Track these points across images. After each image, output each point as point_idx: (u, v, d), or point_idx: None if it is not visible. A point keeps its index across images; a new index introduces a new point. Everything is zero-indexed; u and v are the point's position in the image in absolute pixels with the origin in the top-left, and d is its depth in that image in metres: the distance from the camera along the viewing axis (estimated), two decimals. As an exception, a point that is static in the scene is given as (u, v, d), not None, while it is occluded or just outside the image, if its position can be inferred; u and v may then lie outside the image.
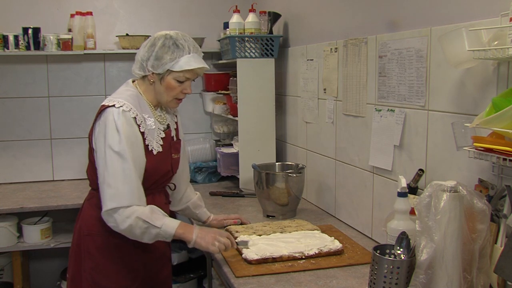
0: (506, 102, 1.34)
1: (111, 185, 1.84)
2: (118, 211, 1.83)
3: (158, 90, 2.01)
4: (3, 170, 3.60)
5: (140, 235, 1.87)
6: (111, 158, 1.85)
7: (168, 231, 1.88)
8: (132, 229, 1.84)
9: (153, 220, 1.86)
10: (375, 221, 2.22)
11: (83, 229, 2.02)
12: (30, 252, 3.51)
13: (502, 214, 1.44)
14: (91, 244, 2.00)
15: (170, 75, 1.97)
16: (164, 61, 1.95)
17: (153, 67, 1.97)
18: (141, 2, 3.75)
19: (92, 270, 1.99)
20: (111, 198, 1.84)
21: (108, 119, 1.88)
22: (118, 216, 1.83)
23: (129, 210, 1.84)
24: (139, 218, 1.83)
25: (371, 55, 2.19)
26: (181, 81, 1.98)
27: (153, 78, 2.00)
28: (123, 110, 1.89)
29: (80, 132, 3.69)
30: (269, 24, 3.16)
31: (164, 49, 1.96)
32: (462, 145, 1.55)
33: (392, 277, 1.48)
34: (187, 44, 1.98)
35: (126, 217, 1.83)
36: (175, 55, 1.95)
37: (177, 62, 1.95)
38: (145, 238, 1.88)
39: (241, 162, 3.11)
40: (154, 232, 1.87)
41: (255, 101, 3.11)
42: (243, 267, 1.91)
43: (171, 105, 2.06)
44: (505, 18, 1.39)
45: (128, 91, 2.01)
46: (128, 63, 3.73)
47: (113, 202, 1.83)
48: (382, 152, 2.12)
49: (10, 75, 3.55)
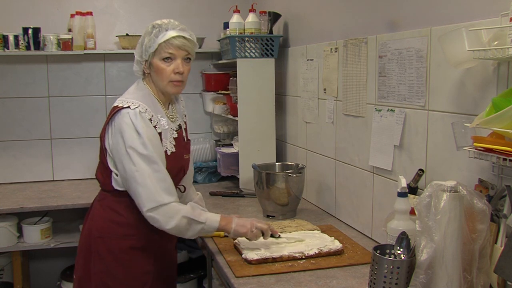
0: (506, 102, 1.34)
1: (146, 185, 1.84)
2: (159, 209, 1.84)
3: (154, 79, 2.00)
4: (3, 170, 3.60)
5: (185, 232, 1.90)
6: (138, 161, 1.84)
7: (212, 225, 1.93)
8: (178, 227, 1.87)
9: (197, 216, 1.90)
10: (375, 221, 2.22)
11: (94, 231, 2.00)
12: (30, 252, 3.51)
13: (502, 214, 1.44)
14: (102, 247, 1.97)
15: (155, 57, 1.95)
16: (146, 44, 1.94)
17: (141, 55, 1.98)
18: (141, 2, 3.75)
19: (102, 273, 1.97)
20: (149, 198, 1.84)
21: (125, 121, 1.87)
22: (160, 216, 1.84)
23: (171, 208, 1.86)
24: (184, 217, 1.87)
25: (371, 55, 2.19)
26: (166, 58, 1.93)
27: (147, 69, 2.00)
28: (139, 111, 1.88)
29: (80, 132, 3.70)
30: (269, 24, 3.16)
31: (146, 35, 1.96)
32: (462, 145, 1.55)
33: (392, 277, 1.48)
34: (163, 24, 1.95)
35: (170, 217, 1.85)
36: (153, 36, 1.93)
37: (155, 41, 1.93)
38: (189, 234, 1.92)
39: (241, 162, 3.11)
40: (199, 228, 1.91)
41: (255, 101, 3.11)
42: (243, 267, 1.91)
43: (170, 89, 1.99)
44: (505, 18, 1.39)
45: (139, 91, 2.00)
46: (128, 63, 3.73)
47: (152, 201, 1.84)
48: (382, 152, 2.12)
49: (10, 75, 3.54)
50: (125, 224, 1.97)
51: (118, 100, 1.96)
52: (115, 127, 1.89)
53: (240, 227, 1.97)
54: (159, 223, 1.86)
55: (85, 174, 3.73)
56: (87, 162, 3.72)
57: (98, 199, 2.06)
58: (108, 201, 1.99)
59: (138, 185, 1.84)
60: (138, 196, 1.85)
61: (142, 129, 1.86)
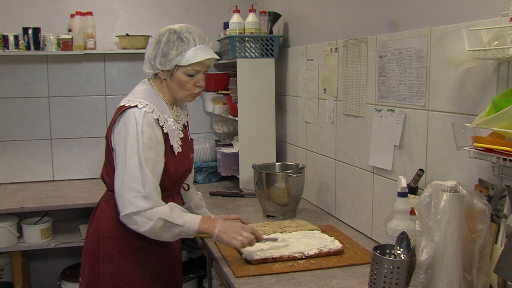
0: (506, 102, 1.34)
1: (131, 189, 1.81)
2: (140, 213, 1.80)
3: (171, 87, 1.98)
4: (3, 170, 3.60)
5: (162, 234, 1.85)
6: (131, 162, 1.82)
7: (191, 227, 1.86)
8: (154, 230, 1.82)
9: (174, 219, 1.83)
10: (375, 221, 2.22)
11: (103, 231, 1.97)
12: (30, 252, 3.51)
13: (502, 214, 1.44)
14: (112, 247, 1.95)
15: (179, 70, 1.93)
16: (171, 57, 1.91)
17: (161, 64, 1.93)
18: (141, 2, 3.75)
19: (112, 274, 1.94)
20: (132, 202, 1.80)
21: (130, 121, 1.84)
22: (139, 218, 1.80)
23: (150, 211, 1.81)
24: (160, 219, 1.81)
25: (371, 55, 2.19)
26: (191, 75, 1.94)
27: (163, 75, 1.96)
28: (145, 111, 1.86)
29: (80, 132, 3.70)
30: (269, 24, 3.16)
31: (169, 44, 1.91)
32: (462, 145, 1.55)
33: (392, 277, 1.48)
34: (191, 36, 1.93)
35: (148, 219, 1.80)
36: (180, 50, 1.91)
37: (183, 56, 1.90)
38: (167, 237, 1.86)
39: (241, 162, 3.11)
40: (177, 231, 1.85)
41: (255, 101, 3.11)
42: (243, 267, 1.91)
43: (187, 99, 2.02)
44: (505, 18, 1.39)
45: (146, 91, 1.97)
46: (128, 63, 3.73)
47: (134, 206, 1.80)
48: (382, 152, 2.12)
49: (10, 75, 3.54)
50: None
51: (125, 100, 1.93)
52: (120, 127, 1.87)
53: (222, 233, 1.90)
54: (136, 226, 1.82)
55: (85, 174, 3.74)
56: (87, 162, 3.72)
57: (105, 200, 2.02)
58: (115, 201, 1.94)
59: (124, 187, 1.82)
60: (121, 198, 1.83)
61: (143, 129, 1.84)
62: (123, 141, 1.84)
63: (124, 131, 1.85)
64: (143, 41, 3.57)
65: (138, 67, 3.73)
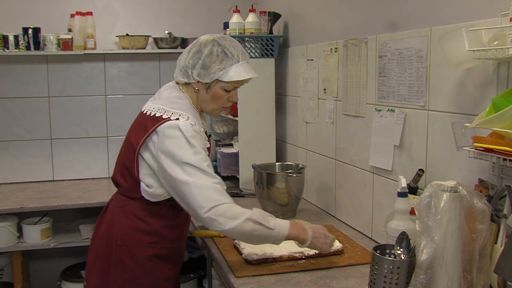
0: (506, 102, 1.34)
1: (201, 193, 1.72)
2: (217, 208, 1.70)
3: (203, 99, 1.90)
4: (3, 170, 3.60)
5: (248, 237, 1.76)
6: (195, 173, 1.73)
7: (281, 232, 1.77)
8: (239, 230, 1.72)
9: (265, 221, 1.75)
10: (375, 221, 2.22)
11: (116, 238, 1.89)
12: (30, 252, 3.51)
13: (502, 214, 1.44)
14: (126, 255, 1.88)
15: (218, 85, 1.86)
16: (212, 70, 1.83)
17: (200, 76, 1.84)
18: (141, 2, 3.75)
19: (126, 281, 1.88)
20: (206, 199, 1.71)
21: (176, 136, 1.75)
22: (218, 216, 1.70)
23: (231, 208, 1.72)
24: (249, 219, 1.72)
25: (371, 55, 2.19)
26: (229, 90, 1.88)
27: (198, 86, 1.88)
28: (190, 123, 1.77)
29: (80, 132, 3.70)
30: (269, 24, 3.16)
31: (212, 57, 1.83)
32: (462, 145, 1.55)
33: (392, 277, 1.48)
34: (236, 52, 1.85)
35: (230, 218, 1.71)
36: (224, 65, 1.83)
37: (226, 72, 1.83)
38: (253, 240, 1.78)
39: (241, 162, 3.11)
40: (266, 234, 1.76)
41: (255, 101, 3.11)
42: (243, 267, 1.91)
43: (216, 113, 1.97)
44: (505, 18, 1.39)
45: (181, 99, 1.87)
46: (128, 63, 3.73)
47: (210, 201, 1.71)
48: (382, 152, 2.12)
49: (10, 75, 3.55)
50: (151, 232, 1.90)
51: (158, 108, 1.82)
52: (162, 141, 1.76)
53: (315, 239, 1.83)
54: (218, 224, 1.71)
55: (85, 174, 3.74)
56: (87, 162, 3.72)
57: (118, 205, 1.94)
58: (131, 208, 1.90)
59: (190, 195, 1.72)
60: (193, 204, 1.73)
61: (195, 141, 1.75)
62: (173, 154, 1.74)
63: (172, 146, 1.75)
64: (143, 41, 3.57)
65: (138, 67, 3.75)
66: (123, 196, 1.94)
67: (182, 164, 1.73)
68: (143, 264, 1.90)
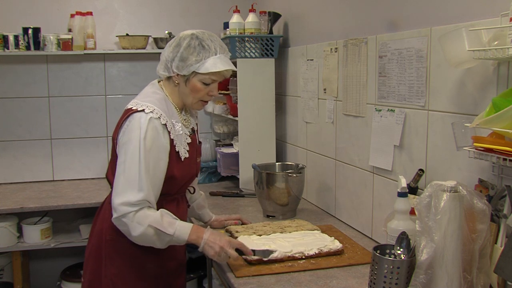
0: (506, 102, 1.34)
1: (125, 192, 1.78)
2: (128, 215, 1.77)
3: (183, 92, 1.94)
4: (3, 170, 3.60)
5: (153, 242, 1.82)
6: (131, 168, 1.79)
7: (181, 237, 1.84)
8: (145, 236, 1.79)
9: (165, 227, 1.81)
10: (375, 221, 2.22)
11: (105, 233, 1.94)
12: (30, 252, 3.51)
13: (502, 214, 1.44)
14: (114, 250, 1.92)
15: (196, 77, 1.90)
16: (189, 62, 1.88)
17: (178, 68, 1.89)
18: (141, 2, 3.76)
19: (114, 276, 1.92)
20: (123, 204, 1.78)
21: (134, 127, 1.81)
22: (129, 221, 1.78)
23: (141, 215, 1.78)
24: (151, 226, 1.78)
25: (371, 55, 2.19)
26: (207, 83, 1.92)
27: (177, 80, 1.93)
28: (151, 117, 1.82)
29: (80, 132, 3.70)
30: (269, 24, 3.16)
31: (190, 49, 1.88)
32: (462, 145, 1.55)
33: (392, 277, 1.48)
34: (213, 44, 1.90)
35: (137, 223, 1.77)
36: (201, 57, 1.88)
37: (203, 64, 1.88)
38: (158, 244, 1.84)
39: (241, 162, 3.11)
40: (167, 239, 1.83)
41: (255, 101, 3.11)
42: (243, 267, 1.91)
43: (196, 107, 2.00)
44: (505, 18, 1.39)
45: (155, 94, 1.93)
46: (128, 63, 3.73)
47: (124, 208, 1.77)
48: (382, 152, 2.12)
49: (10, 75, 3.55)
50: None
51: (132, 102, 1.89)
52: (126, 131, 1.83)
53: (208, 247, 1.87)
54: (127, 229, 1.79)
55: (85, 174, 3.74)
56: (87, 162, 3.72)
57: (109, 201, 1.98)
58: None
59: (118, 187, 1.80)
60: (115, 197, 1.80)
61: (148, 137, 1.80)
62: (125, 146, 1.82)
63: (127, 136, 1.83)
64: (143, 41, 3.57)
65: (138, 67, 3.75)
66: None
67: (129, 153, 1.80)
68: (130, 259, 1.93)
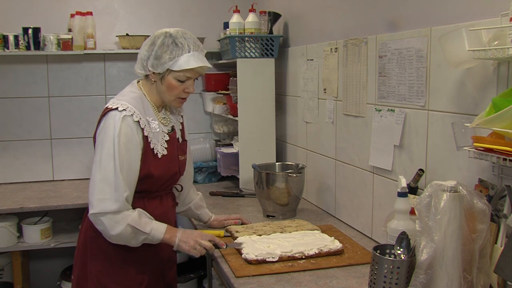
0: (506, 102, 1.34)
1: (102, 190, 1.82)
2: (107, 215, 1.81)
3: (160, 90, 1.98)
4: (3, 170, 3.60)
5: (128, 240, 1.87)
6: (106, 165, 1.83)
7: (156, 236, 1.90)
8: (123, 235, 1.84)
9: (142, 226, 1.86)
10: (375, 221, 2.22)
11: (89, 230, 1.98)
12: (30, 252, 3.51)
13: (502, 214, 1.44)
14: (97, 246, 1.96)
15: (170, 75, 1.94)
16: (163, 60, 1.92)
17: (153, 66, 1.94)
18: (141, 2, 3.75)
19: (98, 273, 1.96)
20: (100, 202, 1.82)
21: (109, 123, 1.86)
22: (107, 220, 1.82)
23: (119, 215, 1.83)
24: (129, 225, 1.83)
25: (371, 55, 2.19)
26: (182, 81, 1.95)
27: (154, 78, 1.97)
28: (124, 115, 1.86)
29: (80, 132, 3.70)
30: (269, 24, 3.16)
31: (163, 48, 1.92)
32: (462, 145, 1.55)
33: (392, 277, 1.48)
34: (186, 42, 1.93)
35: (116, 223, 1.82)
36: (174, 54, 1.91)
37: (176, 62, 1.91)
38: (133, 243, 1.89)
39: (241, 162, 3.11)
40: (142, 238, 1.88)
41: (255, 101, 3.11)
42: (243, 267, 1.91)
43: (174, 104, 2.04)
44: (505, 18, 1.39)
45: (132, 93, 1.98)
46: (128, 63, 3.73)
47: (102, 207, 1.81)
48: (382, 152, 2.12)
49: (10, 75, 3.55)
50: None
51: (111, 101, 1.94)
52: (101, 129, 1.88)
53: (183, 243, 1.95)
54: (104, 228, 1.83)
55: (85, 174, 3.73)
56: (87, 162, 3.72)
57: None
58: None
59: (95, 186, 1.83)
60: (91, 196, 1.84)
61: (122, 134, 1.85)
62: (101, 143, 1.86)
63: (102, 134, 1.87)
64: (143, 41, 3.53)
65: (138, 67, 3.74)
66: None
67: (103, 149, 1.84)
68: (113, 255, 1.96)
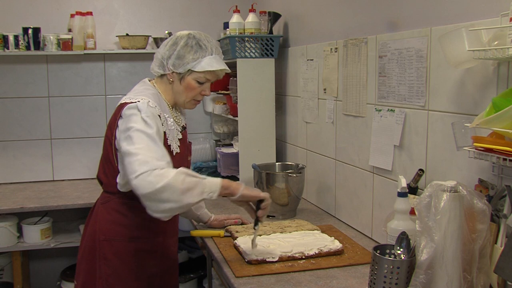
0: (506, 102, 1.34)
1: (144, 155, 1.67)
2: (154, 171, 1.64)
3: (177, 90, 1.98)
4: (3, 170, 3.60)
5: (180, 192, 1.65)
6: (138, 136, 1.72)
7: (214, 181, 1.77)
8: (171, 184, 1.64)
9: (194, 174, 1.73)
10: (375, 221, 2.22)
11: (99, 234, 1.93)
12: (30, 252, 3.51)
13: (502, 214, 1.44)
14: (108, 250, 1.92)
15: (191, 75, 1.94)
16: (186, 60, 1.92)
17: (174, 66, 1.93)
18: (141, 2, 3.75)
19: (109, 277, 1.92)
20: (143, 164, 1.65)
21: (134, 112, 1.79)
22: (153, 177, 1.63)
23: (167, 170, 1.66)
24: (179, 172, 1.67)
25: (371, 55, 2.19)
26: (201, 82, 1.96)
27: (172, 78, 1.96)
28: (149, 105, 1.82)
29: (80, 132, 3.70)
30: (269, 24, 3.16)
31: (187, 48, 1.93)
32: (462, 145, 1.55)
33: (392, 277, 1.48)
34: (210, 45, 1.96)
35: (164, 176, 1.63)
36: (197, 55, 1.93)
37: (199, 63, 1.92)
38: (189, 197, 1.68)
39: (241, 162, 3.11)
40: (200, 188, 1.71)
41: (255, 101, 3.11)
42: (243, 267, 1.91)
43: (188, 106, 2.03)
44: (505, 18, 1.39)
45: (147, 90, 1.94)
46: (128, 63, 3.74)
47: (147, 165, 1.65)
48: (382, 152, 2.12)
49: (10, 75, 3.55)
50: (132, 227, 1.93)
51: (125, 97, 1.89)
52: (125, 119, 1.80)
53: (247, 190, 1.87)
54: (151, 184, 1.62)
55: (85, 174, 3.73)
56: (87, 162, 3.72)
57: (101, 202, 1.99)
58: (113, 203, 1.94)
59: (131, 155, 1.68)
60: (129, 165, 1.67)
61: (149, 118, 1.77)
62: (128, 131, 1.75)
63: (127, 123, 1.78)
64: (143, 41, 3.57)
65: (138, 67, 3.75)
66: (106, 192, 1.99)
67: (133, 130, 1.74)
68: (125, 259, 1.93)
